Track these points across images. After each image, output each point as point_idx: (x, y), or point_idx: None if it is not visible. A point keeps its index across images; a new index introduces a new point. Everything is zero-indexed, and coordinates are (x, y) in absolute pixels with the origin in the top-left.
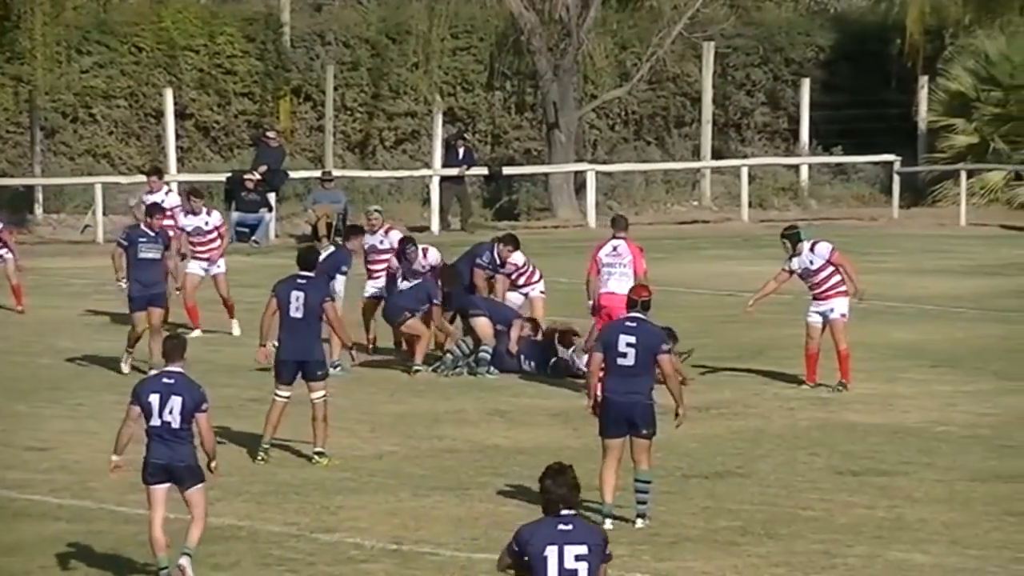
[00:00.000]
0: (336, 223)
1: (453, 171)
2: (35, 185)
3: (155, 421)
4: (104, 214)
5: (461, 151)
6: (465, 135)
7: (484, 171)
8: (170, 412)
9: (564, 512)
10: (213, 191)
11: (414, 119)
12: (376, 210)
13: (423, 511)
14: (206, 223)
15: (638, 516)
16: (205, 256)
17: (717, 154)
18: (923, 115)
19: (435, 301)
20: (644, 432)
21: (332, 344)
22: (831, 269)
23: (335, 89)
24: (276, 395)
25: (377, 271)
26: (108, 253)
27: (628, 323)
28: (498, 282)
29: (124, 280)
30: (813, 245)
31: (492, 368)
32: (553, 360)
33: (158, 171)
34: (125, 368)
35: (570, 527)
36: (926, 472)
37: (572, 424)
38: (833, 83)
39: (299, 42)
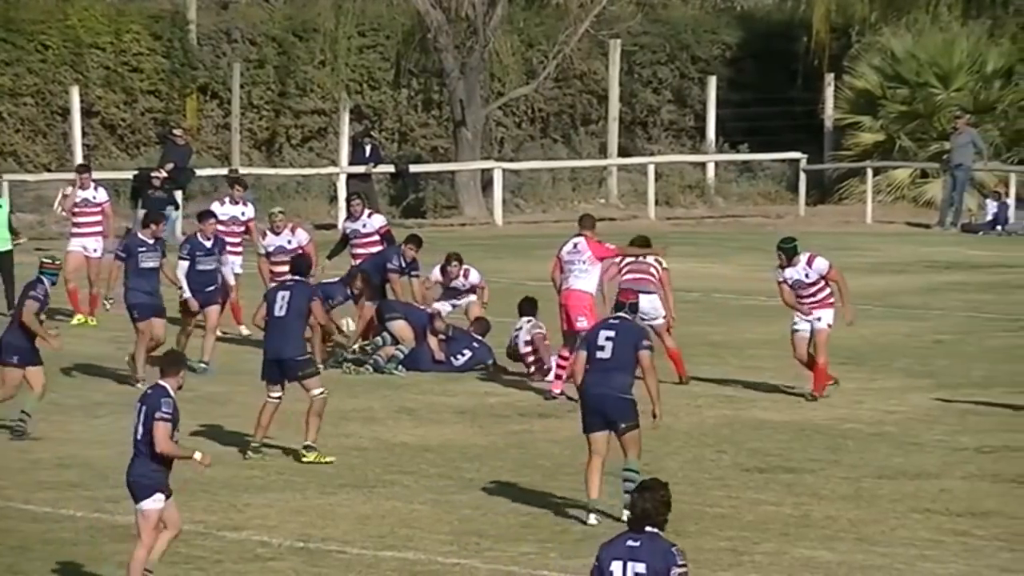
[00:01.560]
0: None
1: (360, 169)
2: None
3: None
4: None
5: (368, 149)
6: (372, 133)
7: (391, 169)
8: (142, 424)
9: (647, 529)
10: (120, 189)
11: (321, 117)
12: (279, 212)
13: (330, 509)
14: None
15: (625, 506)
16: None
17: (624, 152)
18: (829, 113)
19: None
20: (622, 426)
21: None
22: (823, 283)
23: (241, 87)
24: (267, 397)
25: (281, 273)
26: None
27: (612, 320)
28: (414, 284)
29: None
30: (810, 259)
31: (401, 367)
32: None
33: (87, 167)
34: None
35: (638, 544)
36: (833, 469)
37: (479, 422)
38: (739, 81)
39: (205, 40)
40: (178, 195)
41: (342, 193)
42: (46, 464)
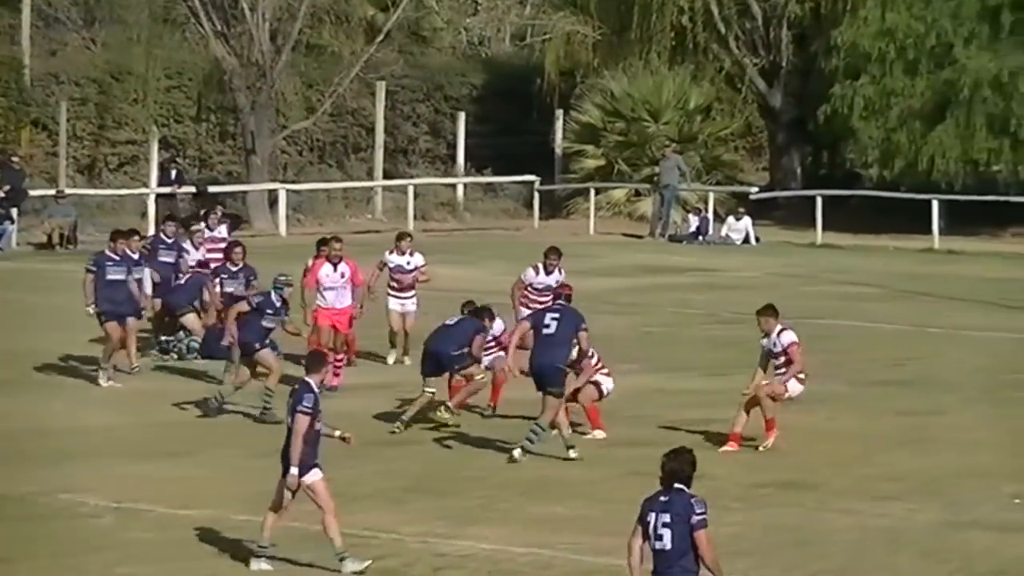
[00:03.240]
0: (67, 233)
1: (167, 189)
2: None
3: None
4: None
5: (173, 173)
6: (177, 159)
7: (193, 189)
8: (289, 415)
9: (676, 485)
10: None
11: (134, 146)
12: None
13: (144, 475)
14: None
15: (519, 447)
16: None
17: (388, 175)
18: (559, 142)
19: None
20: (551, 390)
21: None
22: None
23: (68, 121)
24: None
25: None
26: None
27: (556, 307)
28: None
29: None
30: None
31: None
32: None
33: None
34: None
35: (667, 498)
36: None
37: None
38: (485, 116)
39: (37, 81)
40: (14, 212)
41: (152, 210)
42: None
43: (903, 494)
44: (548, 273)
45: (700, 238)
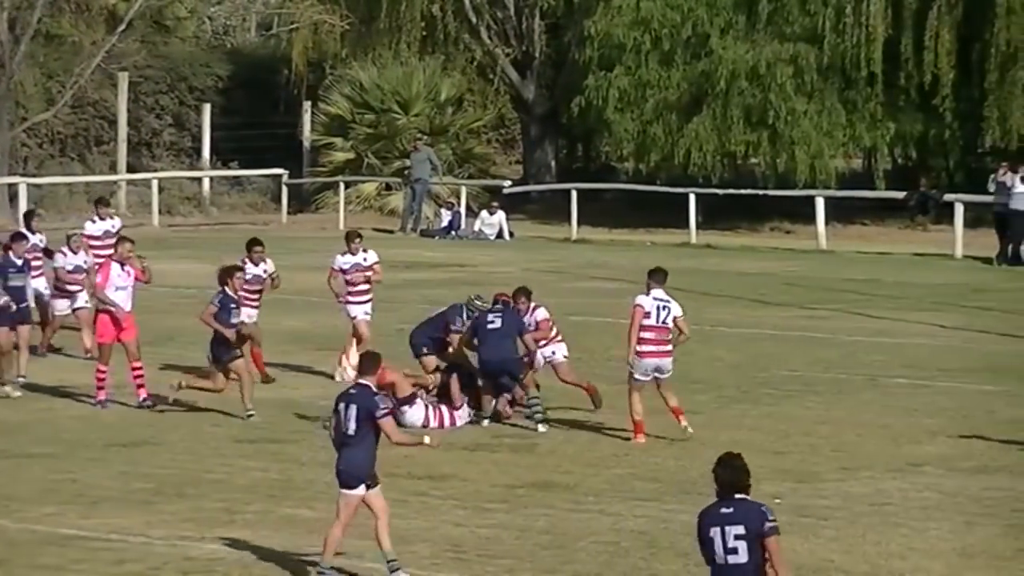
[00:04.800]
0: None
1: None
2: None
3: (341, 428)
4: None
5: None
6: None
7: None
8: (348, 420)
9: (737, 496)
10: None
11: None
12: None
13: None
14: None
15: (537, 423)
16: None
17: (131, 168)
18: (307, 135)
19: None
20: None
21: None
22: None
23: None
24: None
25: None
26: None
27: (496, 309)
28: None
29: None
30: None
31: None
32: None
33: None
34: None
35: (730, 510)
36: (313, 439)
37: (8, 401)
38: (230, 107)
39: None
40: None
41: None
42: None
43: (660, 495)
44: (354, 254)
45: (453, 233)
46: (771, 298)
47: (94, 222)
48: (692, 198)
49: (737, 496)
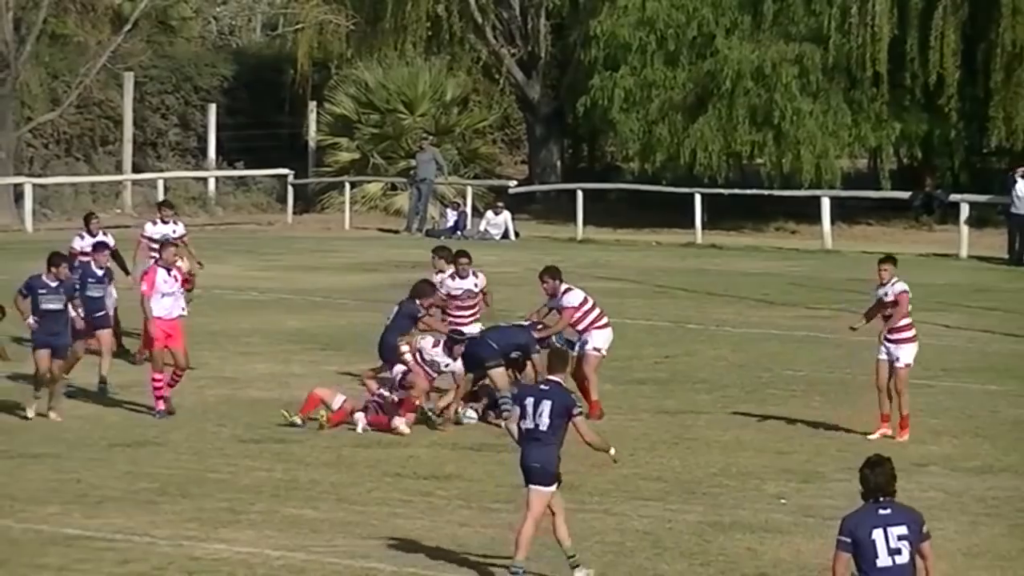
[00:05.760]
0: None
1: None
2: None
3: (528, 424)
4: None
5: None
6: None
7: None
8: (540, 415)
9: (882, 499)
10: None
11: None
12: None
13: None
14: None
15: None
16: None
17: (137, 168)
18: (312, 135)
19: None
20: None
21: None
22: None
23: None
24: None
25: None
26: None
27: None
28: None
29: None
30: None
31: None
32: None
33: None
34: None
35: (888, 511)
36: (317, 439)
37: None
38: (235, 107)
39: None
40: None
41: None
42: None
43: (665, 495)
44: (463, 278)
45: (458, 233)
46: (776, 298)
47: (155, 224)
48: (697, 198)
49: (886, 499)
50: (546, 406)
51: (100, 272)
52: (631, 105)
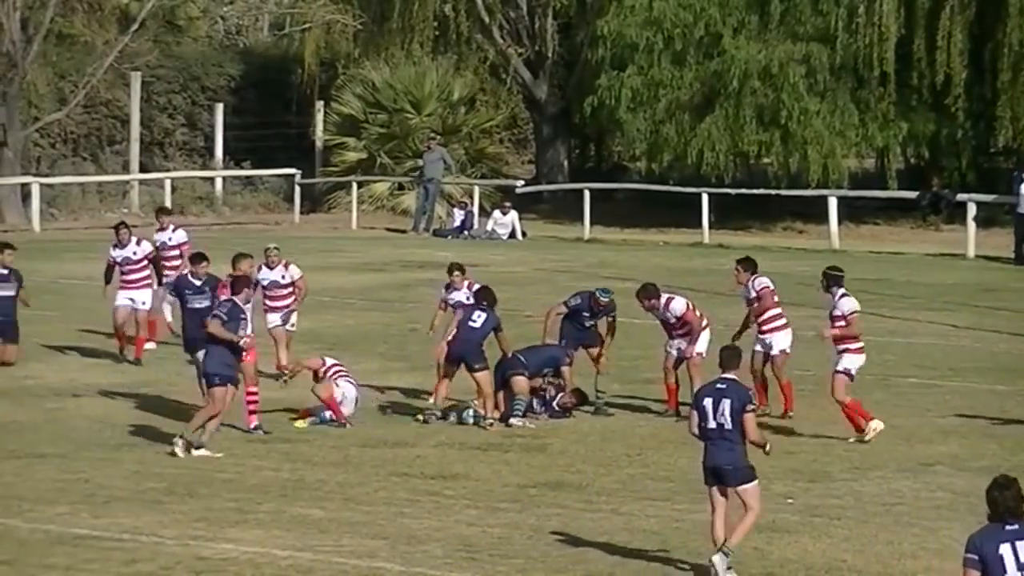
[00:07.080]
0: None
1: None
2: None
3: (711, 424)
4: None
5: None
6: None
7: None
8: (722, 415)
9: (1009, 519)
10: None
11: None
12: (275, 247)
13: None
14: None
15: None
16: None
17: (144, 168)
18: (319, 134)
19: None
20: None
21: None
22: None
23: None
24: None
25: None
26: None
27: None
28: None
29: None
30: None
31: None
32: None
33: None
34: None
35: (1016, 527)
36: (323, 439)
37: (18, 400)
38: (243, 107)
39: None
40: None
41: None
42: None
43: (672, 495)
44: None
45: (465, 232)
46: (783, 297)
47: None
48: (704, 198)
49: (1014, 518)
50: (726, 404)
51: (199, 282)
52: (638, 105)
